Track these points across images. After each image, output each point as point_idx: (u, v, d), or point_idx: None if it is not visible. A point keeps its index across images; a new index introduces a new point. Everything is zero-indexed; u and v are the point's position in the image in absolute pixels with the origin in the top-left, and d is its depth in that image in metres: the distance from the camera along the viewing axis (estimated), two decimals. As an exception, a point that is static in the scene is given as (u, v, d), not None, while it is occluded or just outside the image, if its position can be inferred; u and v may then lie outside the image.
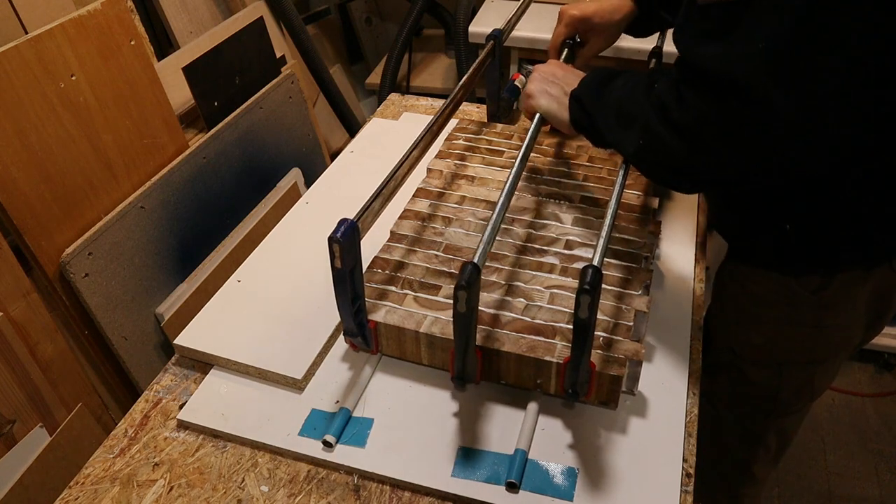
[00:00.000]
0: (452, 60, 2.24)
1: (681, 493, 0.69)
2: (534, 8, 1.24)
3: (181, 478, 0.73)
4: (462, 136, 1.09)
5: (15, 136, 1.03)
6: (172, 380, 0.85)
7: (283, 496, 0.71)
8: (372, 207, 0.69)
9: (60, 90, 1.09)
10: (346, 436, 0.75)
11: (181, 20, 1.54)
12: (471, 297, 0.63)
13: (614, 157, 1.02)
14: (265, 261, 0.97)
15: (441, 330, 0.75)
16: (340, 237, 0.63)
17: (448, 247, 0.87)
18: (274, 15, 1.73)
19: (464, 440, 0.74)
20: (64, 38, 1.09)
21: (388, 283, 0.81)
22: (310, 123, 1.72)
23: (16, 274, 1.06)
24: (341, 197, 1.08)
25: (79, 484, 0.74)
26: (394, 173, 0.74)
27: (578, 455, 0.72)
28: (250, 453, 0.75)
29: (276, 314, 0.87)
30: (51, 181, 1.09)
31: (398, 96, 1.38)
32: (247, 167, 1.49)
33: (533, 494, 0.69)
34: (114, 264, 1.18)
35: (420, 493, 0.71)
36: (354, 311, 0.71)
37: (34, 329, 1.10)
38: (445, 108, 0.87)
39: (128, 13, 1.21)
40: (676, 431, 0.74)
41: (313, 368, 0.82)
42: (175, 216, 1.31)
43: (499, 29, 1.02)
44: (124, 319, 1.21)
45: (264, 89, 1.53)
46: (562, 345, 0.73)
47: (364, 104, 2.48)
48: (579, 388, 0.71)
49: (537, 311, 0.77)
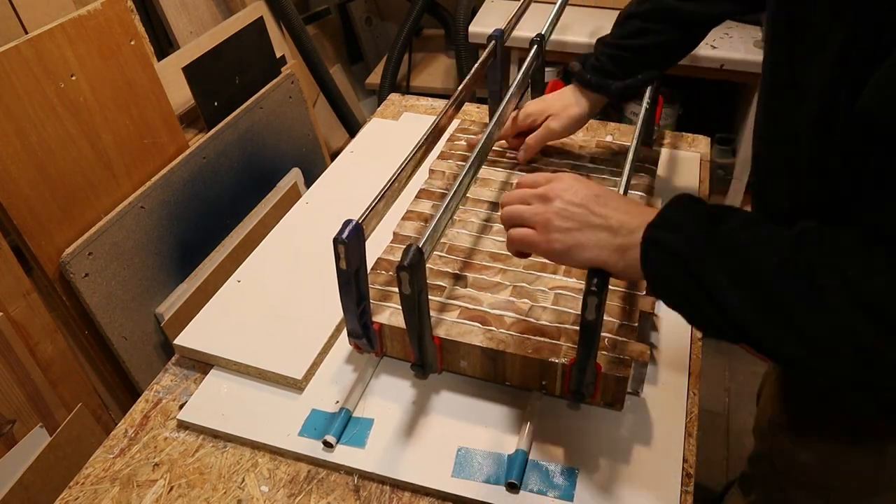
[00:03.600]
0: (452, 60, 2.23)
1: (681, 493, 0.69)
2: (534, 8, 1.24)
3: (181, 478, 0.73)
4: (464, 136, 1.09)
5: (15, 136, 1.03)
6: (172, 380, 0.84)
7: (283, 496, 0.71)
8: (376, 208, 0.69)
9: (60, 90, 1.09)
10: (346, 436, 0.75)
11: (181, 20, 1.54)
12: (415, 279, 0.63)
13: (617, 158, 1.02)
14: (265, 261, 0.97)
15: (445, 331, 0.75)
16: (346, 238, 0.63)
17: (451, 247, 0.87)
18: (274, 15, 1.73)
19: (464, 440, 0.74)
20: (64, 38, 1.09)
21: (391, 285, 0.81)
22: (310, 123, 1.71)
23: (16, 274, 1.06)
24: (341, 197, 1.08)
25: (79, 484, 0.73)
26: (397, 174, 0.74)
27: (579, 455, 0.72)
28: (250, 453, 0.75)
29: (276, 314, 0.87)
30: (51, 181, 1.09)
31: (398, 96, 1.38)
32: (247, 167, 1.49)
33: (533, 495, 0.69)
34: (114, 264, 1.18)
35: (420, 494, 0.71)
36: (359, 312, 0.71)
37: (34, 329, 1.10)
38: (447, 109, 0.87)
39: (128, 13, 1.21)
40: (676, 431, 0.74)
41: (313, 368, 0.81)
42: (175, 216, 1.31)
43: (500, 29, 1.02)
44: (124, 319, 1.20)
45: (264, 89, 1.53)
46: (567, 346, 0.73)
47: (364, 104, 2.48)
48: (585, 390, 0.71)
49: (542, 312, 0.77)
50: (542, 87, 1.08)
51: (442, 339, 0.75)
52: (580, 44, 1.66)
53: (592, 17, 1.76)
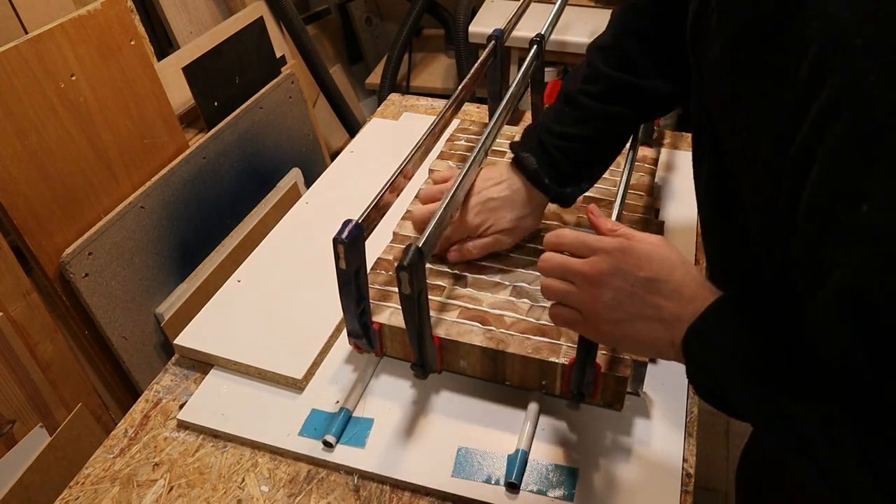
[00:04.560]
0: (452, 60, 2.24)
1: (681, 493, 0.69)
2: (534, 8, 1.24)
3: (181, 478, 0.73)
4: (463, 136, 1.09)
5: (15, 136, 1.03)
6: (172, 380, 0.84)
7: (283, 496, 0.71)
8: (376, 208, 0.69)
9: (60, 90, 1.09)
10: (346, 436, 0.75)
11: (181, 20, 1.54)
12: (415, 279, 0.63)
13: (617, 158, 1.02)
14: (265, 261, 0.97)
15: (445, 331, 0.75)
16: (346, 238, 0.63)
17: (449, 247, 0.87)
18: (274, 15, 1.73)
19: (464, 440, 0.74)
20: (64, 38, 1.09)
21: (391, 285, 0.81)
22: (310, 123, 1.72)
23: (16, 274, 1.06)
24: (341, 197, 1.08)
25: (79, 484, 0.73)
26: (397, 174, 0.74)
27: (579, 455, 0.72)
28: (250, 453, 0.75)
29: (276, 314, 0.87)
30: (51, 181, 1.09)
31: (398, 96, 1.38)
32: (247, 167, 1.49)
33: (533, 495, 0.69)
34: (114, 264, 1.18)
35: (420, 494, 0.71)
36: (359, 312, 0.71)
37: (34, 329, 1.10)
38: (447, 109, 0.87)
39: (128, 13, 1.21)
40: (677, 431, 0.74)
41: (313, 368, 0.81)
42: (175, 216, 1.31)
43: (500, 29, 1.02)
44: (124, 319, 1.20)
45: (264, 89, 1.53)
46: (567, 346, 0.73)
47: (364, 104, 2.48)
48: (585, 390, 0.71)
49: (542, 311, 0.77)
50: (542, 87, 1.08)
51: (442, 338, 0.75)
52: (580, 44, 1.66)
53: (592, 16, 1.76)
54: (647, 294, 0.54)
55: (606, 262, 0.56)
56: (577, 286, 0.58)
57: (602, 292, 0.56)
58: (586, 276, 0.57)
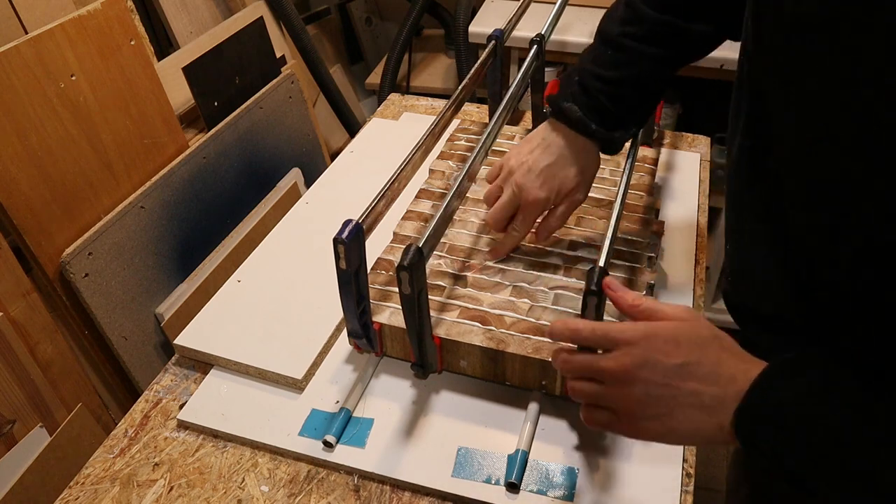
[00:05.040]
0: (452, 60, 2.23)
1: (681, 493, 0.69)
2: (534, 8, 1.24)
3: (181, 478, 0.73)
4: (463, 136, 1.09)
5: (15, 136, 1.03)
6: (172, 380, 0.84)
7: (283, 496, 0.71)
8: (376, 208, 0.69)
9: (60, 90, 1.09)
10: (346, 436, 0.75)
11: (181, 20, 1.54)
12: (415, 279, 0.63)
13: (616, 157, 1.02)
14: (265, 261, 0.97)
15: (445, 331, 0.75)
16: (346, 238, 0.63)
17: (451, 248, 0.87)
18: (274, 15, 1.73)
19: (464, 440, 0.74)
20: (64, 38, 1.09)
21: (391, 285, 0.81)
22: (310, 123, 1.71)
23: (16, 274, 1.06)
24: (341, 197, 1.08)
25: (79, 484, 0.74)
26: (397, 174, 0.74)
27: (579, 455, 0.72)
28: (250, 453, 0.75)
29: (276, 314, 0.87)
30: (51, 181, 1.09)
31: (398, 96, 1.38)
32: (247, 167, 1.49)
33: (533, 495, 0.69)
34: (114, 264, 1.18)
35: (420, 494, 0.71)
36: (359, 312, 0.71)
37: (34, 329, 1.10)
38: (447, 109, 0.87)
39: (128, 13, 1.21)
40: (677, 432, 0.74)
41: (313, 368, 0.81)
42: (175, 216, 1.31)
43: (500, 29, 1.02)
44: (124, 319, 1.20)
45: (264, 89, 1.53)
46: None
47: (364, 104, 2.48)
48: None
49: (542, 311, 0.77)
50: (542, 87, 1.08)
51: (442, 338, 0.75)
52: (580, 43, 1.66)
53: (593, 16, 1.76)
54: (681, 382, 0.50)
55: (631, 356, 0.52)
56: (606, 385, 0.54)
57: (633, 389, 0.52)
58: (613, 375, 0.53)
